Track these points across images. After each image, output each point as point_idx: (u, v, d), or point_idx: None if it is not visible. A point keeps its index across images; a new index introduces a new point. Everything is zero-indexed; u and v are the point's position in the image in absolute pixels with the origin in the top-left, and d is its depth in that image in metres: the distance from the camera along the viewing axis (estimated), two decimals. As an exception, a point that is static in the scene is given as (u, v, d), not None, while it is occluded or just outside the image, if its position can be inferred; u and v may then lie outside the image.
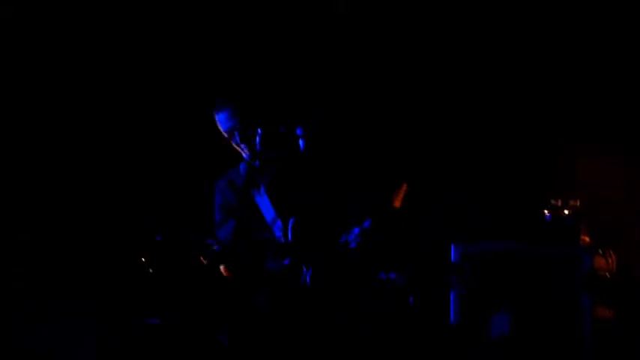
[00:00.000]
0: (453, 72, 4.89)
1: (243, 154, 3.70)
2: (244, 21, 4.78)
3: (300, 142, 3.69)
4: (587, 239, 4.51)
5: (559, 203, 4.51)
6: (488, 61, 4.87)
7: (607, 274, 4.43)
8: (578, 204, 4.48)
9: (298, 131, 3.68)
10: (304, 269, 3.54)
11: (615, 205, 4.82)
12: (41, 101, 4.69)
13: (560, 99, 4.89)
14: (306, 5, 4.71)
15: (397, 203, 3.71)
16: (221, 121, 3.69)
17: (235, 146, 3.71)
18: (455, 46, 4.85)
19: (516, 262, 4.40)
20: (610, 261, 4.47)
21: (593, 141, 4.88)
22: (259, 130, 3.58)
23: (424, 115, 4.94)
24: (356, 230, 3.56)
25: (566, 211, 4.50)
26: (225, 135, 3.69)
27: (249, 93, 3.72)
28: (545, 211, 4.52)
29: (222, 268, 3.68)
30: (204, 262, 3.53)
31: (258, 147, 3.60)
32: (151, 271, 3.44)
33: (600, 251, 4.44)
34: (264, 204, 3.68)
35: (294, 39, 4.79)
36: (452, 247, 4.42)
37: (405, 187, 3.73)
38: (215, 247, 3.51)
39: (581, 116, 4.87)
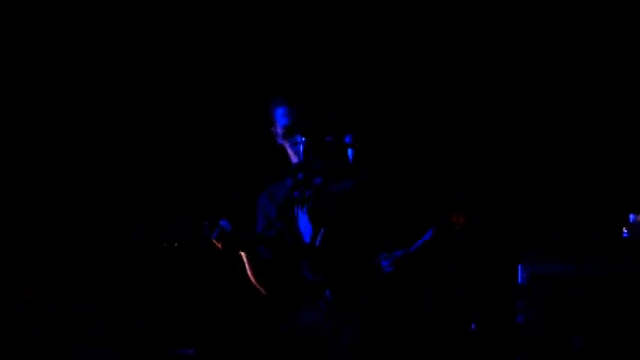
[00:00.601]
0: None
1: (293, 159, 3.46)
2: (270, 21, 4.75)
3: (349, 151, 3.38)
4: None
5: (639, 219, 4.21)
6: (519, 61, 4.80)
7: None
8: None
9: (347, 139, 3.38)
10: (327, 278, 3.29)
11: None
12: (41, 101, 4.69)
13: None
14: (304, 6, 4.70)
15: (458, 225, 3.40)
16: (280, 116, 3.46)
17: (289, 148, 3.46)
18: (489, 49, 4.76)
19: (590, 283, 4.04)
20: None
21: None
22: (303, 139, 3.31)
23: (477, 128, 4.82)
24: (397, 253, 3.26)
25: None
26: (282, 131, 3.45)
27: (303, 93, 3.52)
28: (624, 228, 4.23)
29: (244, 257, 3.39)
30: (219, 245, 3.25)
31: (301, 157, 3.33)
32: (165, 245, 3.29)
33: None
34: (303, 216, 3.42)
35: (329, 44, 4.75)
36: (519, 267, 4.10)
37: (467, 209, 3.42)
38: (225, 227, 3.23)
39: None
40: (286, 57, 4.71)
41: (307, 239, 3.37)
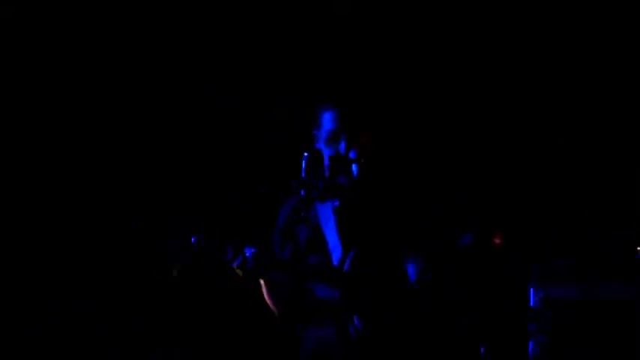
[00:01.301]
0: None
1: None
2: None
3: (354, 166, 3.28)
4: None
5: None
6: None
7: None
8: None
9: (352, 154, 3.26)
10: (356, 305, 3.17)
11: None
12: (41, 101, 4.69)
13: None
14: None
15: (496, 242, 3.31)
16: (327, 120, 3.30)
17: (326, 153, 3.28)
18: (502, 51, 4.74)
19: (605, 307, 3.91)
20: None
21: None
22: (305, 154, 3.16)
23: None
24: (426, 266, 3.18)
25: None
26: (326, 136, 3.29)
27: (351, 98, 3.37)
28: (639, 250, 4.10)
29: (262, 285, 3.28)
30: (239, 272, 3.15)
31: (303, 174, 3.15)
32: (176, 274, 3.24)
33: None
34: (330, 230, 3.31)
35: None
36: (531, 290, 3.97)
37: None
38: (247, 254, 3.11)
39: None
40: (286, 57, 4.71)
41: (336, 260, 3.26)
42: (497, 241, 3.27)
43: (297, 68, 4.69)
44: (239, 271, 3.16)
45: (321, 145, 3.31)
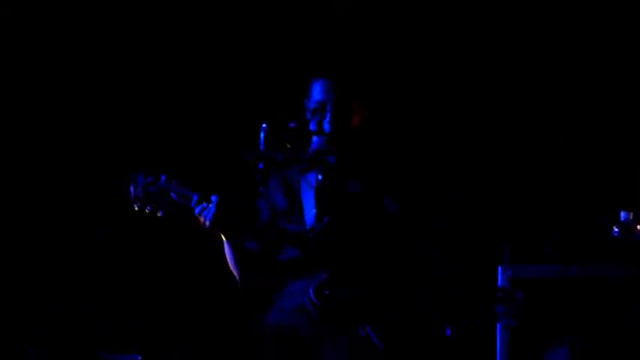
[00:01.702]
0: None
1: (314, 137, 3.26)
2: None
3: (314, 139, 3.27)
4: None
5: (631, 217, 3.89)
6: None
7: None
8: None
9: (312, 126, 3.24)
10: (318, 270, 3.09)
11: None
12: (41, 101, 4.69)
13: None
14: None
15: None
16: (316, 90, 3.28)
17: (312, 124, 3.25)
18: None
19: (577, 287, 3.77)
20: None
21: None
22: (263, 125, 3.14)
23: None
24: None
25: (639, 227, 3.86)
26: (313, 106, 3.26)
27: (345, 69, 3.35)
28: (614, 227, 3.92)
29: (224, 239, 3.17)
30: (201, 221, 3.06)
31: (262, 146, 3.15)
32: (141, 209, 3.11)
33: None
34: (308, 199, 3.25)
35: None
36: (499, 269, 3.80)
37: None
38: (215, 203, 3.04)
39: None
40: (286, 57, 4.71)
41: (308, 224, 3.21)
42: None
43: (297, 68, 4.68)
44: (200, 219, 3.08)
45: (307, 116, 3.27)
